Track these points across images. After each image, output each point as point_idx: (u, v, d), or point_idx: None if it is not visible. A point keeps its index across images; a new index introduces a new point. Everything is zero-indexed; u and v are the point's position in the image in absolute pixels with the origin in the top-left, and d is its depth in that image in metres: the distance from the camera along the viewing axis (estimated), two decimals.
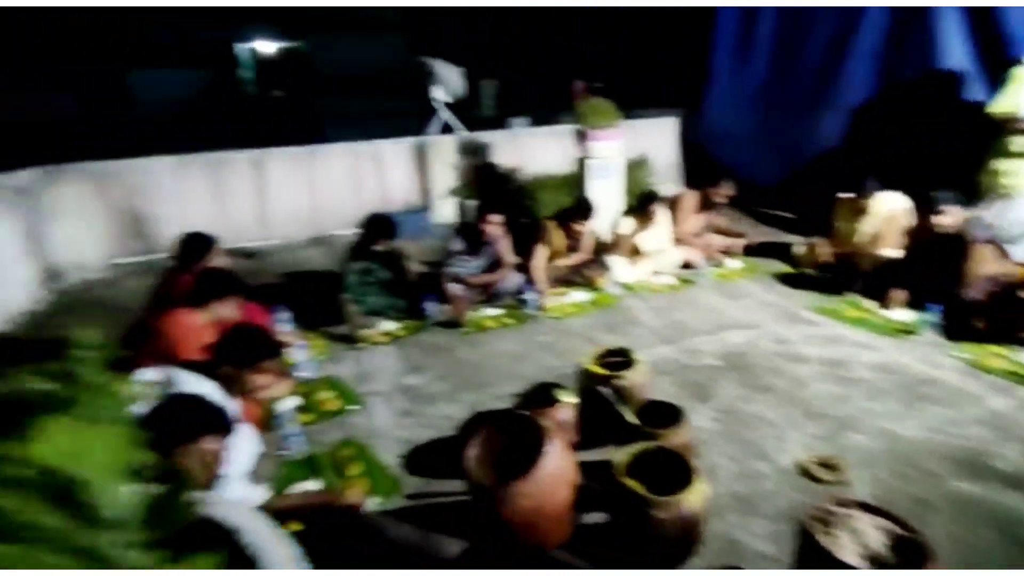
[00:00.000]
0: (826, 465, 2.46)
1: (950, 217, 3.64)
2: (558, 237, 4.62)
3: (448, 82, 6.77)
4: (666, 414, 2.40)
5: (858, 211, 4.44)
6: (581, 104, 5.36)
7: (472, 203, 6.83)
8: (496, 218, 4.36)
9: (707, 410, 2.94)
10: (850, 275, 4.34)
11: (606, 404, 2.58)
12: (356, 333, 3.92)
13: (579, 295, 4.49)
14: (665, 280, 4.72)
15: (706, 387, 3.16)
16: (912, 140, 5.16)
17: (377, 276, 4.35)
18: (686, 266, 4.99)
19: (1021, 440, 2.58)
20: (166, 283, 3.39)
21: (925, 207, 3.74)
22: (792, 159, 6.26)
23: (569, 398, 2.54)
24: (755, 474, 2.47)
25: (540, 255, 4.52)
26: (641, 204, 4.83)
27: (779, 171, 6.48)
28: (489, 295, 4.53)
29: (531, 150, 7.31)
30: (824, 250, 4.63)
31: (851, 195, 4.50)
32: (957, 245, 3.68)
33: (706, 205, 5.19)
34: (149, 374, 2.04)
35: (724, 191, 5.05)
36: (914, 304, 3.84)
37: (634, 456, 2.08)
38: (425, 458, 2.71)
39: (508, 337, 3.94)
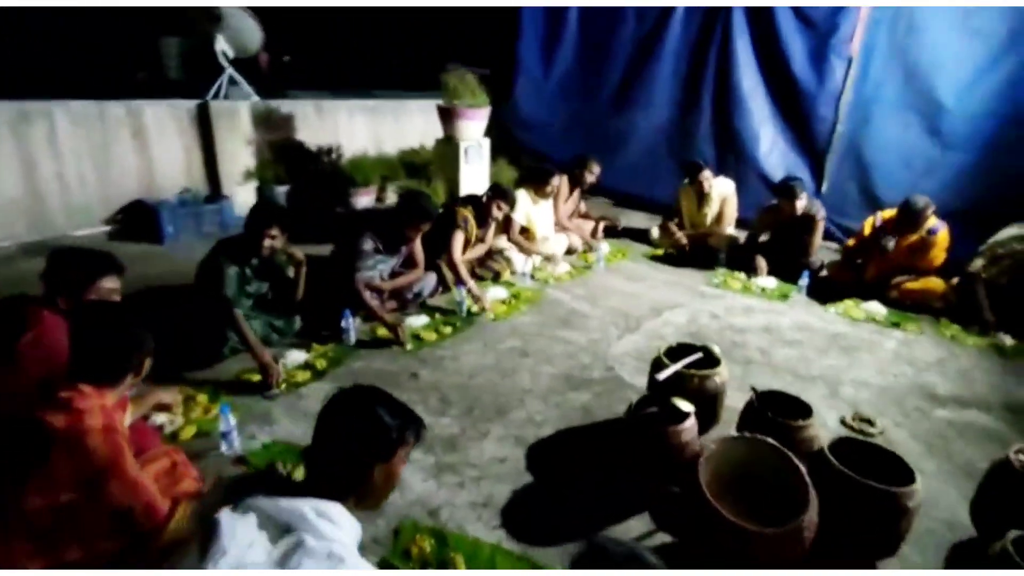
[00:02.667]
0: (864, 420, 2.75)
1: (803, 200, 4.46)
2: (472, 226, 4.05)
3: (240, 33, 5.25)
4: (786, 405, 2.32)
5: (699, 195, 5.06)
6: (451, 78, 4.78)
7: (281, 188, 5.53)
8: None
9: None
10: (708, 252, 4.94)
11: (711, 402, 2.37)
12: (270, 373, 2.75)
13: (497, 291, 4.04)
14: (563, 268, 4.61)
15: None
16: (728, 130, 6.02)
17: (253, 288, 3.14)
18: (568, 251, 4.99)
19: (934, 371, 3.32)
20: None
21: (782, 192, 4.49)
22: (610, 149, 6.78)
23: (686, 405, 2.23)
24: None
25: (457, 247, 3.90)
26: (536, 183, 4.60)
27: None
28: (403, 301, 3.73)
29: (341, 125, 6.27)
30: (678, 232, 5.17)
31: (688, 181, 5.08)
32: (806, 223, 4.53)
33: (573, 188, 5.24)
34: None
35: (594, 171, 5.16)
36: (773, 273, 4.60)
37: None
38: (539, 517, 2.06)
39: (464, 348, 3.30)
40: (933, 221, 4.01)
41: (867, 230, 4.28)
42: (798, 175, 5.53)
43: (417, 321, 3.56)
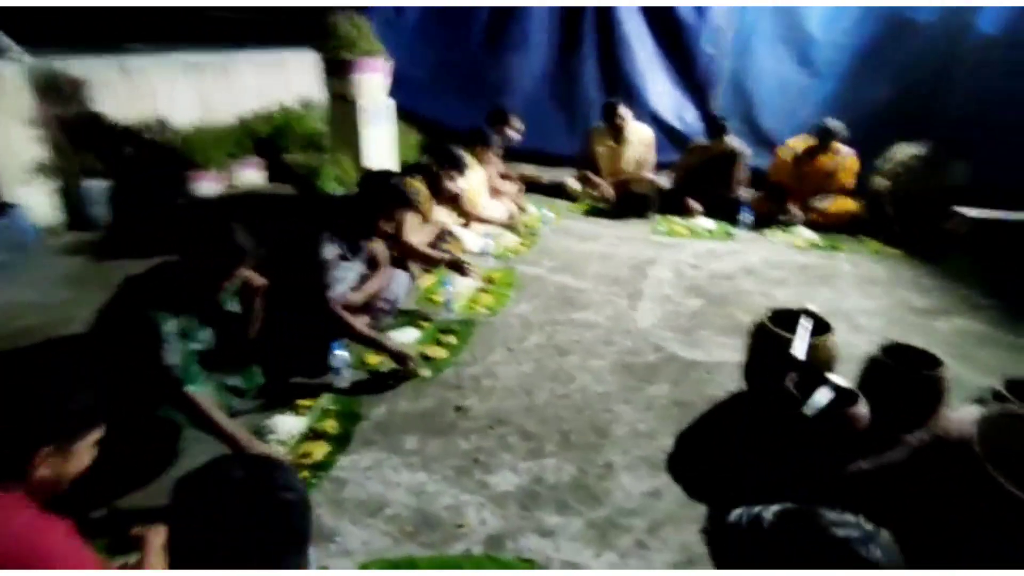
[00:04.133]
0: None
1: (731, 138, 4.49)
2: (428, 201, 3.28)
3: None
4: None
5: (616, 138, 4.86)
6: (343, 23, 3.74)
7: (97, 184, 4.02)
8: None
9: None
10: (634, 200, 4.80)
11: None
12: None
13: (468, 280, 3.37)
14: (512, 239, 4.08)
15: (739, 326, 3.03)
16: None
17: (199, 343, 2.12)
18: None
19: (897, 285, 3.60)
20: None
21: (712, 130, 4.47)
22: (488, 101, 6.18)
23: (842, 380, 1.99)
24: None
25: (413, 229, 3.14)
26: (479, 145, 3.92)
27: (467, 113, 6.29)
28: (374, 312, 2.89)
29: (160, 90, 4.70)
30: (601, 182, 4.93)
31: (601, 124, 4.85)
32: (730, 158, 4.60)
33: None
34: None
35: (518, 127, 4.61)
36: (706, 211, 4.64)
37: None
38: None
39: (490, 358, 2.68)
40: (842, 147, 4.34)
41: (788, 159, 4.50)
42: (688, 111, 5.69)
43: (405, 335, 2.80)
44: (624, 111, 4.76)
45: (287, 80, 5.84)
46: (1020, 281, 3.59)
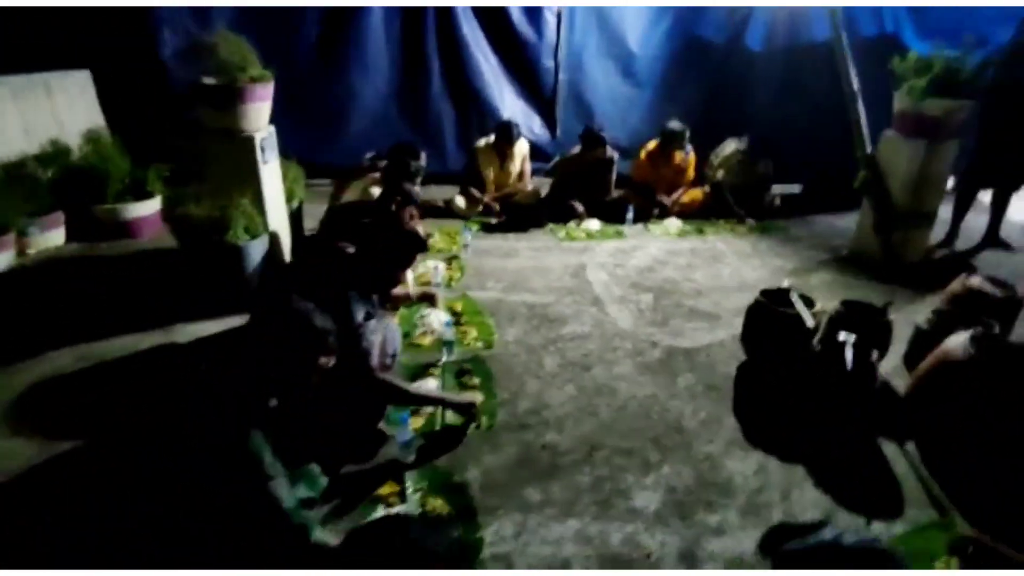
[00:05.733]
0: None
1: (606, 148, 4.96)
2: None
3: None
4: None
5: (501, 155, 5.04)
6: (223, 44, 3.14)
7: None
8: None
9: (721, 329, 3.34)
10: (520, 212, 5.02)
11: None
12: None
13: (439, 314, 3.21)
14: (440, 264, 3.95)
15: (695, 309, 3.46)
16: None
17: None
18: None
19: (767, 257, 4.44)
20: None
21: (594, 140, 4.89)
22: (329, 122, 5.74)
23: (850, 336, 2.46)
24: None
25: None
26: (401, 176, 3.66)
27: (308, 141, 5.77)
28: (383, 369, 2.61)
29: None
30: (484, 198, 5.04)
31: (490, 140, 5.01)
32: (604, 164, 5.09)
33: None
34: None
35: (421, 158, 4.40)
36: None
37: None
38: None
39: (528, 387, 2.64)
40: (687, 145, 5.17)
41: (644, 159, 5.17)
42: (535, 122, 6.10)
43: (425, 385, 2.59)
44: (517, 131, 4.94)
45: (55, 110, 4.65)
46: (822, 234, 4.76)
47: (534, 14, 5.73)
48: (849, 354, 2.35)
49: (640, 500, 2.00)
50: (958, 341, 2.26)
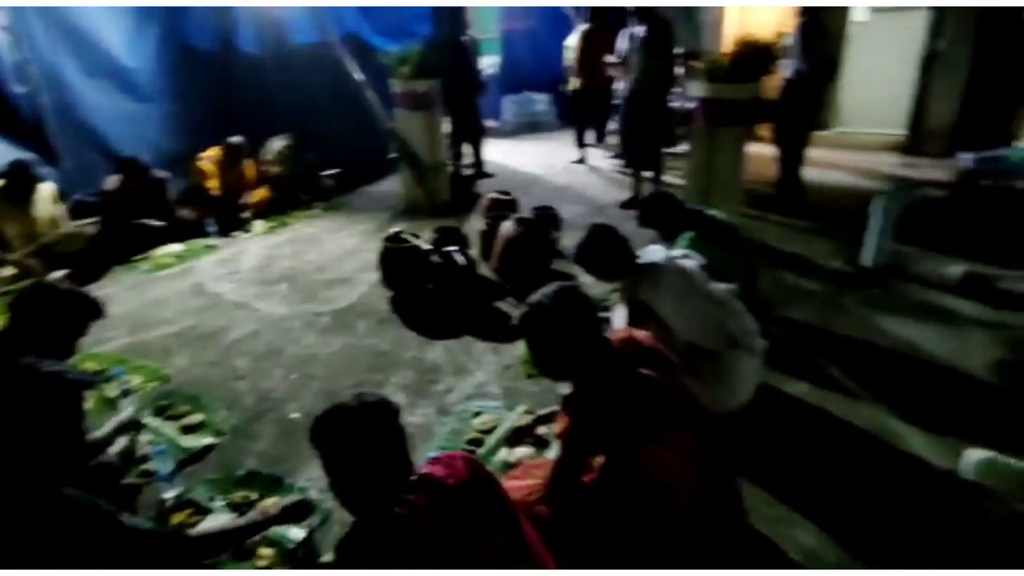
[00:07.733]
0: None
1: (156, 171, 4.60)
2: None
3: None
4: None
5: (21, 202, 4.17)
6: None
7: None
8: None
9: (360, 285, 4.02)
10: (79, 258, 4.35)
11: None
12: None
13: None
14: None
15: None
16: None
17: None
18: None
19: (368, 236, 5.20)
20: None
21: (130, 167, 4.44)
22: None
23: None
24: None
25: None
26: None
27: None
28: None
29: None
30: (15, 258, 4.14)
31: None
32: (159, 186, 4.76)
33: None
34: None
35: None
36: None
37: None
38: None
39: (248, 395, 2.73)
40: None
41: (211, 169, 5.13)
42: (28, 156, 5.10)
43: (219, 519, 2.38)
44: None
45: None
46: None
47: None
48: (460, 258, 3.41)
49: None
50: (507, 225, 3.60)
